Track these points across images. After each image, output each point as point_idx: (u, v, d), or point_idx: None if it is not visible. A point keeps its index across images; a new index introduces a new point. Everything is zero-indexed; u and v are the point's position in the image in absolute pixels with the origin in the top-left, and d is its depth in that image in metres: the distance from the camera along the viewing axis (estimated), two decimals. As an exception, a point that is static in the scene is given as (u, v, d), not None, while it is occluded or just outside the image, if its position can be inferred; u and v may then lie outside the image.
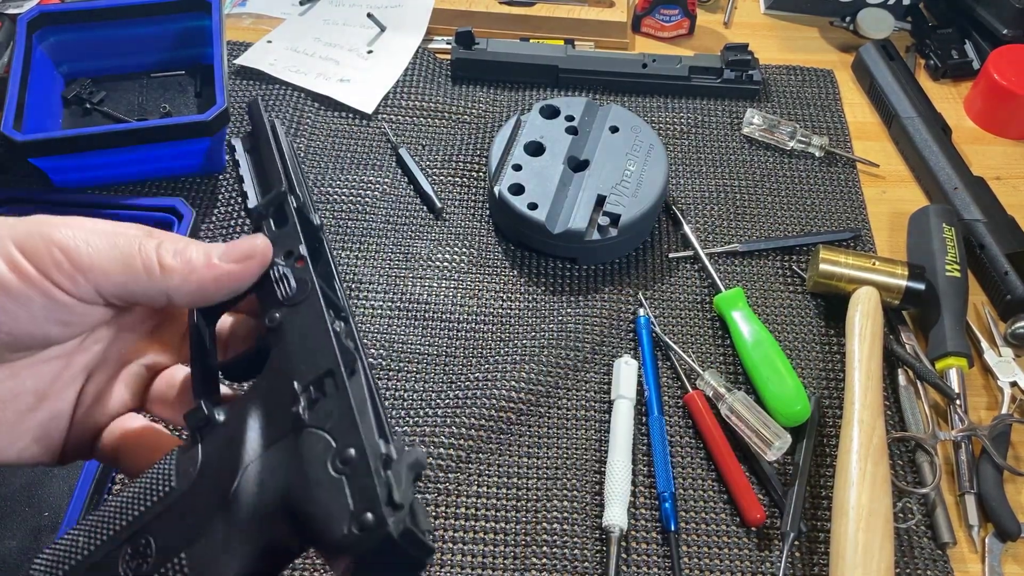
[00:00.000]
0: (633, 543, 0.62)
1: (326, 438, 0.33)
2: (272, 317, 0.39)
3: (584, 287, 0.75)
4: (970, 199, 0.80)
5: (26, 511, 0.61)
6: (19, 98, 0.76)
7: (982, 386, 0.72)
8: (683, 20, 0.96)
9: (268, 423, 0.36)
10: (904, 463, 0.66)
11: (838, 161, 0.86)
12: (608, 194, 0.74)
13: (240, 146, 0.46)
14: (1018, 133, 0.90)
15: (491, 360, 0.70)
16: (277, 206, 0.43)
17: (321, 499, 0.32)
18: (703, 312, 0.74)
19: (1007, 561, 0.62)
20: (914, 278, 0.71)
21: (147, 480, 0.37)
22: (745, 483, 0.63)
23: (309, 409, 0.35)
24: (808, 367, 0.71)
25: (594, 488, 0.64)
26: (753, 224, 0.80)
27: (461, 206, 0.80)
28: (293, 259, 0.40)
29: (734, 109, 0.89)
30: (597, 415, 0.68)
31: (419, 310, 0.73)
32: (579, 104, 0.81)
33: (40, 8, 0.82)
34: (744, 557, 0.61)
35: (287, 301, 0.39)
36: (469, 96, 0.89)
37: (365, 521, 0.30)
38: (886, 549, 0.57)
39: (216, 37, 0.81)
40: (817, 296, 0.75)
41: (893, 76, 0.90)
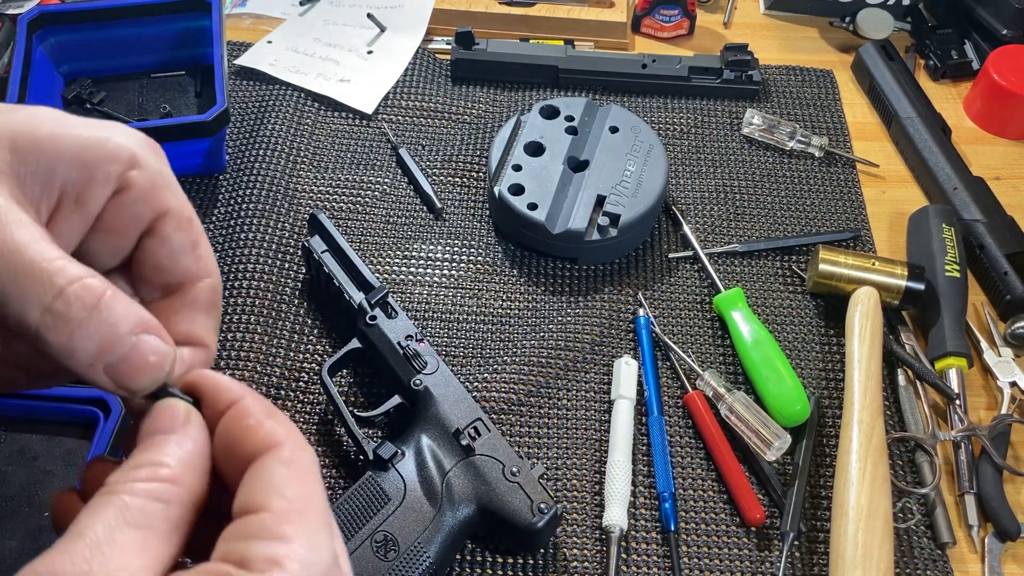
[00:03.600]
0: (633, 543, 0.62)
1: (495, 460, 0.58)
2: (418, 382, 0.61)
3: (584, 287, 0.75)
4: (970, 199, 0.80)
5: (26, 511, 0.61)
6: (19, 98, 0.76)
7: (982, 386, 0.72)
8: (683, 20, 0.97)
9: (444, 453, 0.58)
10: (904, 463, 0.66)
11: (838, 161, 0.86)
12: (608, 194, 0.74)
13: (317, 248, 0.68)
14: (1018, 133, 0.90)
15: (491, 360, 0.70)
16: (382, 303, 0.65)
17: (507, 498, 0.57)
18: (703, 312, 0.74)
19: (1007, 561, 0.62)
20: (914, 278, 0.71)
21: (363, 495, 0.56)
22: (745, 483, 0.63)
23: (472, 442, 0.58)
24: (808, 367, 0.71)
25: (594, 488, 0.64)
26: (753, 224, 0.80)
27: (461, 206, 0.80)
28: (414, 340, 0.63)
29: (734, 109, 0.90)
30: (597, 415, 0.68)
31: (419, 310, 0.73)
32: (579, 104, 0.81)
33: (40, 8, 0.82)
34: (744, 557, 0.62)
35: (425, 371, 0.62)
36: (469, 96, 0.89)
37: (543, 509, 0.57)
38: (886, 549, 0.57)
39: (216, 37, 0.80)
40: (817, 296, 0.75)
41: (893, 76, 0.90)
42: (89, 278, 0.28)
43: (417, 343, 0.64)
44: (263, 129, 0.83)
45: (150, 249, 0.33)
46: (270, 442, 0.28)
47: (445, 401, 0.61)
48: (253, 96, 0.87)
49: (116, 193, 0.31)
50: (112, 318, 0.28)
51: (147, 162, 0.32)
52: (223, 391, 0.30)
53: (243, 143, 0.83)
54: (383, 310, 0.65)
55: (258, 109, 0.86)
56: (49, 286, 0.27)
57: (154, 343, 0.29)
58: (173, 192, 0.33)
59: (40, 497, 0.61)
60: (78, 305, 0.28)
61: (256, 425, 0.29)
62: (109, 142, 0.31)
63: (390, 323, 0.65)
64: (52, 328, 0.28)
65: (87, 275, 0.28)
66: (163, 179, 0.32)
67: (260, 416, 0.29)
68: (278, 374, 0.68)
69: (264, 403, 0.30)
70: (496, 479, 0.57)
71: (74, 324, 0.28)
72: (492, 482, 0.57)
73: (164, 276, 0.33)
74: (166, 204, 0.32)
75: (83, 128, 0.31)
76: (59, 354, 0.28)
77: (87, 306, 0.28)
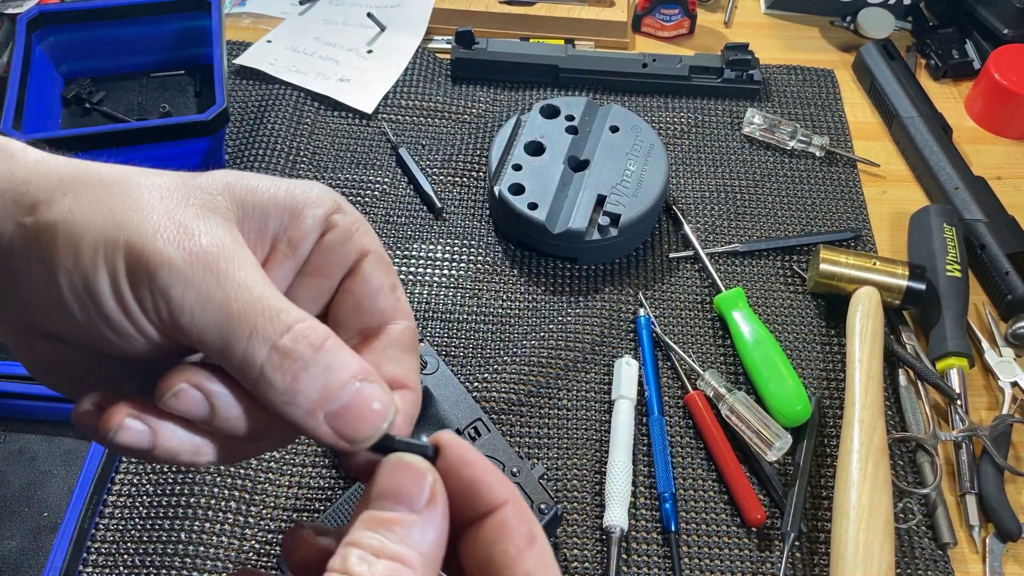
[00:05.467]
0: (633, 543, 0.62)
1: (496, 461, 0.57)
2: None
3: (584, 287, 0.75)
4: (971, 199, 0.80)
5: (26, 511, 0.61)
6: (18, 98, 0.75)
7: (983, 386, 0.72)
8: (683, 20, 0.96)
9: None
10: (905, 463, 0.66)
11: (839, 161, 0.86)
12: (608, 194, 0.74)
13: None
14: (1019, 133, 0.89)
15: (491, 360, 0.70)
16: None
17: None
18: (703, 312, 0.74)
19: (1008, 562, 0.62)
20: (915, 278, 0.71)
21: None
22: (745, 483, 0.63)
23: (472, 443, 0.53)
24: (808, 367, 0.71)
25: (594, 488, 0.64)
26: (753, 224, 0.80)
27: (461, 206, 0.80)
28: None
29: (734, 109, 0.89)
30: (597, 415, 0.68)
31: (419, 310, 0.73)
32: (579, 104, 0.81)
33: (40, 8, 0.82)
34: (744, 557, 0.61)
35: (425, 371, 0.61)
36: (469, 96, 0.89)
37: (543, 509, 0.56)
38: (886, 549, 0.57)
39: (216, 37, 0.80)
40: (817, 296, 0.75)
41: (894, 76, 0.90)
42: (313, 320, 0.28)
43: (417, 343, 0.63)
44: (263, 129, 0.83)
45: (350, 290, 0.33)
46: None
47: (445, 401, 0.60)
48: (253, 96, 0.87)
49: (321, 236, 0.32)
50: (336, 363, 0.28)
51: (348, 208, 0.33)
52: (484, 489, 0.28)
53: (243, 143, 0.83)
54: None
55: (258, 109, 0.86)
56: (278, 322, 0.27)
57: (376, 390, 0.28)
58: (371, 237, 0.33)
59: (40, 497, 0.61)
60: (304, 344, 0.27)
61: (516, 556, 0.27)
62: (313, 190, 0.32)
63: None
64: (279, 367, 0.27)
65: (309, 317, 0.28)
66: (363, 224, 0.33)
67: (521, 544, 0.27)
68: (278, 374, 0.68)
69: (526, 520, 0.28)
70: None
71: (300, 364, 0.27)
72: None
73: (363, 319, 0.33)
74: (367, 246, 0.33)
75: (287, 182, 0.32)
76: (280, 397, 0.27)
77: (313, 346, 0.28)
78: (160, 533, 0.60)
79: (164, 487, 0.62)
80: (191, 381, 0.28)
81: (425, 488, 0.27)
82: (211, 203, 0.29)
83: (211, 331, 0.27)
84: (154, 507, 0.61)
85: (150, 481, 0.62)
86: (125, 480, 0.62)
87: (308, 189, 0.32)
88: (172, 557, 0.59)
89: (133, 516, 0.61)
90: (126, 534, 0.60)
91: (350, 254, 0.32)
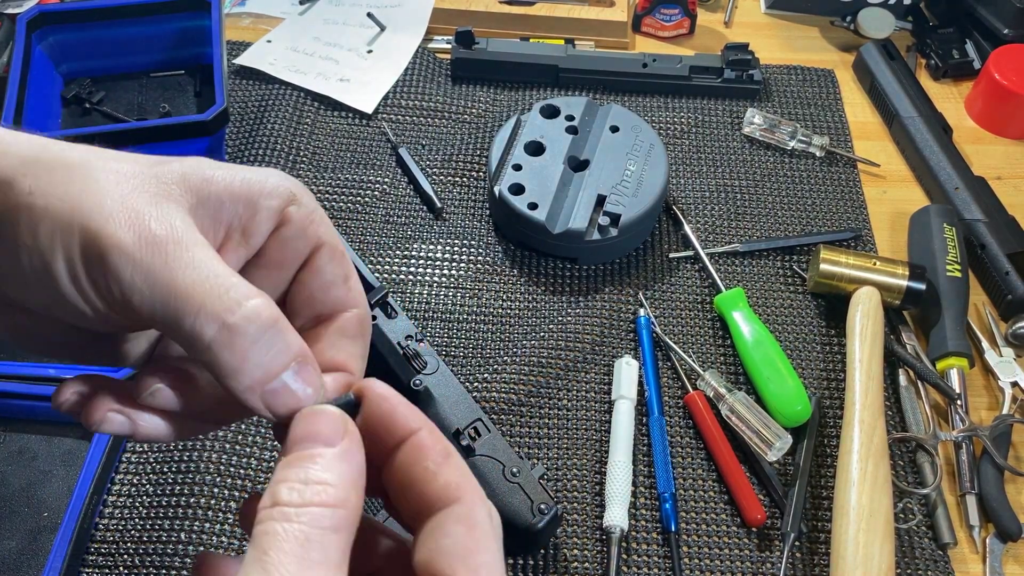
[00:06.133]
0: (633, 543, 0.62)
1: (495, 461, 0.57)
2: (417, 382, 0.60)
3: (584, 287, 0.75)
4: (971, 199, 0.80)
5: (26, 511, 0.61)
6: (18, 98, 0.75)
7: (983, 386, 0.72)
8: (683, 20, 0.96)
9: None
10: (905, 463, 0.66)
11: (839, 161, 0.86)
12: (608, 194, 0.74)
13: None
14: (1019, 133, 0.89)
15: (491, 360, 0.70)
16: (382, 303, 0.64)
17: (507, 498, 0.56)
18: (703, 312, 0.74)
19: (1008, 562, 0.62)
20: (915, 278, 0.71)
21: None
22: (745, 483, 0.63)
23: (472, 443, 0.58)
24: (808, 367, 0.71)
25: (594, 488, 0.64)
26: (753, 224, 0.80)
27: (461, 206, 0.80)
28: (414, 340, 0.63)
29: (734, 109, 0.89)
30: (597, 415, 0.68)
31: (419, 310, 0.73)
32: (579, 104, 0.81)
33: (40, 8, 0.82)
34: (744, 558, 0.61)
35: (425, 371, 0.61)
36: (469, 96, 0.89)
37: (543, 509, 0.56)
38: (887, 550, 0.57)
39: (216, 37, 0.80)
40: (818, 296, 0.75)
41: (894, 76, 0.90)
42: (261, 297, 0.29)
43: (417, 343, 0.63)
44: (262, 129, 0.83)
45: (305, 281, 0.34)
46: (448, 496, 0.29)
47: (445, 401, 0.60)
48: (253, 96, 0.87)
49: (277, 229, 0.33)
50: (281, 344, 0.30)
51: (304, 199, 0.33)
52: (399, 418, 0.30)
53: (242, 143, 0.83)
54: (383, 310, 0.65)
55: (258, 109, 0.86)
56: (226, 299, 0.28)
57: (310, 376, 0.30)
58: (327, 228, 0.34)
59: (40, 497, 0.61)
60: (256, 325, 0.29)
61: (434, 471, 0.29)
62: (269, 180, 0.33)
63: (390, 323, 0.64)
64: (227, 345, 0.28)
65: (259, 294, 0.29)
66: (319, 216, 0.34)
67: (438, 459, 0.29)
68: (278, 374, 0.68)
69: (440, 440, 0.30)
70: (496, 479, 0.57)
71: (247, 344, 0.29)
72: (492, 482, 0.57)
73: (316, 307, 0.34)
74: (321, 239, 0.34)
75: (245, 171, 0.33)
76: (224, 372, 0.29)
77: (262, 326, 0.29)
78: (160, 533, 0.60)
79: (164, 487, 0.62)
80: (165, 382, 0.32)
81: (338, 426, 0.29)
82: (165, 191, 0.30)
83: (159, 309, 0.28)
84: (154, 507, 0.61)
85: (150, 481, 0.62)
86: (125, 480, 0.62)
87: (264, 179, 0.33)
88: (172, 557, 0.59)
89: (133, 516, 0.61)
90: (126, 534, 0.60)
91: (304, 247, 0.34)
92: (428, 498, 0.29)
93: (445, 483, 0.29)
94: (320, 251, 0.34)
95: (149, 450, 0.64)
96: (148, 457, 0.64)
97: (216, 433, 0.64)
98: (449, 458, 0.29)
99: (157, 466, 0.63)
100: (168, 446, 0.64)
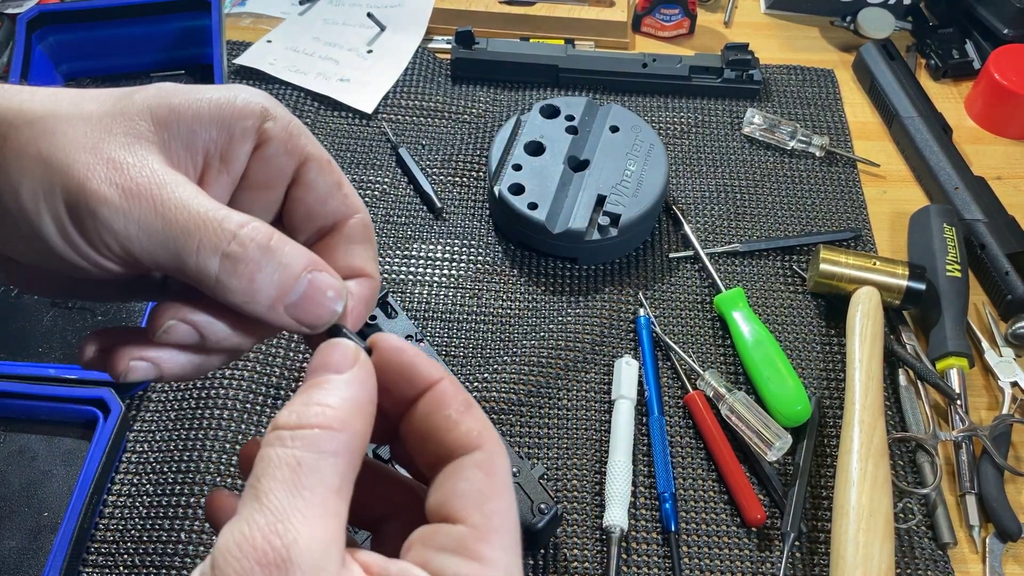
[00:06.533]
0: (633, 543, 0.62)
1: None
2: None
3: (584, 287, 0.75)
4: (971, 199, 0.80)
5: (26, 511, 0.61)
6: (18, 98, 0.75)
7: (983, 386, 0.72)
8: (683, 20, 0.96)
9: None
10: (905, 463, 0.66)
11: (839, 161, 0.86)
12: (608, 194, 0.74)
13: None
14: (1019, 133, 0.89)
15: (491, 360, 0.70)
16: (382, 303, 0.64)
17: None
18: (703, 312, 0.74)
19: (1008, 562, 0.62)
20: (915, 278, 0.71)
21: None
22: (745, 483, 0.63)
23: None
24: (808, 367, 0.71)
25: (594, 488, 0.64)
26: (753, 224, 0.80)
27: (461, 206, 0.80)
28: (414, 340, 0.62)
29: (734, 109, 0.89)
30: (597, 415, 0.68)
31: (419, 310, 0.73)
32: (579, 104, 0.81)
33: (40, 8, 0.82)
34: (744, 557, 0.61)
35: None
36: (469, 96, 0.89)
37: (543, 509, 0.56)
38: (886, 550, 0.57)
39: (216, 37, 0.81)
40: (817, 296, 0.75)
41: (894, 76, 0.90)
42: (255, 221, 0.30)
43: (417, 343, 0.63)
44: (263, 129, 0.83)
45: (298, 198, 0.34)
46: (468, 443, 0.28)
47: None
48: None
49: (257, 149, 0.33)
50: (285, 258, 0.30)
51: (279, 113, 0.33)
52: (420, 369, 0.30)
53: (243, 143, 0.83)
54: (383, 310, 0.65)
55: (258, 109, 0.86)
56: (222, 231, 0.29)
57: (327, 279, 0.30)
58: (308, 139, 0.34)
59: (40, 497, 0.61)
60: (253, 246, 0.29)
61: (455, 420, 0.29)
62: (238, 99, 0.32)
63: (390, 323, 0.64)
64: (233, 273, 0.29)
65: (252, 220, 0.30)
66: (296, 127, 0.33)
67: (460, 408, 0.29)
68: (278, 374, 0.68)
69: (461, 391, 0.30)
70: None
71: (252, 266, 0.29)
72: None
73: (316, 221, 0.34)
74: (305, 151, 0.33)
75: (212, 92, 0.32)
76: (241, 299, 0.29)
77: (261, 246, 0.29)
78: (160, 533, 0.60)
79: (164, 487, 0.62)
80: (177, 316, 0.31)
81: (348, 354, 0.29)
82: (135, 130, 0.30)
83: (162, 253, 0.29)
84: (154, 507, 0.61)
85: (150, 481, 0.62)
86: (125, 480, 0.62)
87: (232, 98, 0.32)
88: (172, 557, 0.59)
89: (133, 516, 0.61)
90: (126, 534, 0.60)
91: (289, 164, 0.33)
92: (448, 445, 0.28)
93: (467, 431, 0.28)
94: (307, 164, 0.33)
95: (149, 450, 0.64)
96: (148, 457, 0.64)
97: (216, 433, 0.64)
98: (471, 408, 0.29)
99: (157, 466, 0.63)
100: (168, 446, 0.64)
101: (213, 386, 0.66)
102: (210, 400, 0.65)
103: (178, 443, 0.64)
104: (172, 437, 0.64)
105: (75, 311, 0.70)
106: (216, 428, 0.64)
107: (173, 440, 0.64)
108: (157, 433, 0.65)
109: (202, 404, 0.65)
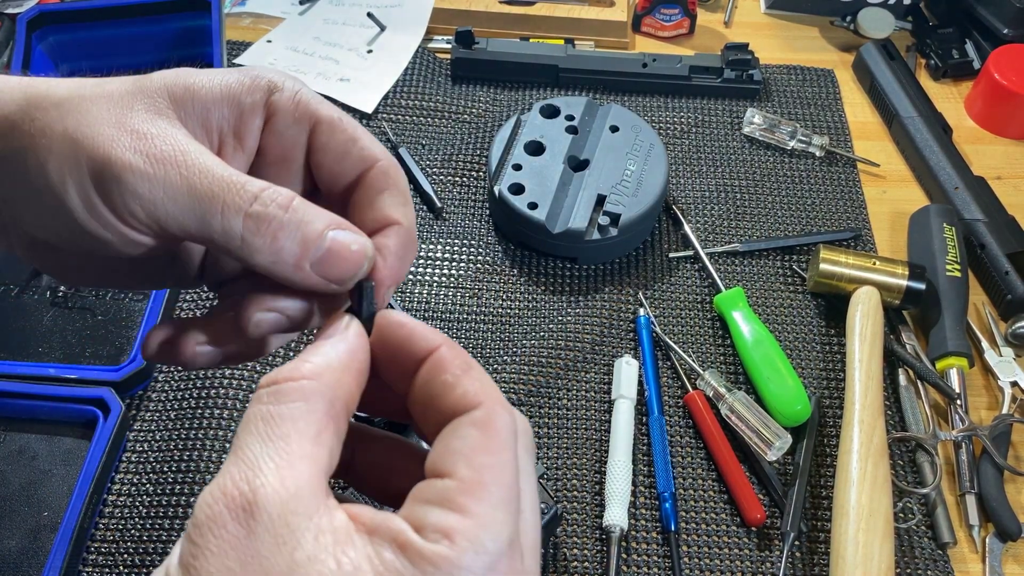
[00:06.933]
0: (633, 543, 0.62)
1: None
2: None
3: (584, 287, 0.75)
4: (971, 199, 0.80)
5: (26, 511, 0.61)
6: (19, 98, 0.75)
7: (982, 386, 0.72)
8: (683, 19, 0.96)
9: None
10: (904, 463, 0.66)
11: (839, 161, 0.86)
12: (608, 194, 0.74)
13: None
14: (1019, 133, 0.89)
15: (491, 360, 0.70)
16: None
17: None
18: (703, 312, 0.74)
19: (1007, 561, 0.62)
20: (914, 278, 0.71)
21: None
22: (745, 483, 0.63)
23: None
24: (808, 367, 0.71)
25: (594, 488, 0.64)
26: (753, 224, 0.80)
27: (461, 206, 0.80)
28: None
29: (734, 109, 0.89)
30: (597, 415, 0.68)
31: (419, 310, 0.73)
32: (579, 104, 0.81)
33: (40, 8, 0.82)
34: (744, 557, 0.61)
35: None
36: (469, 96, 0.89)
37: (542, 509, 0.54)
38: (886, 549, 0.57)
39: (216, 37, 0.81)
40: (817, 296, 0.75)
41: (894, 76, 0.90)
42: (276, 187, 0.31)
43: None
44: (263, 128, 0.83)
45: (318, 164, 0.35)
46: (467, 403, 0.28)
47: None
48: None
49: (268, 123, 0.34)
50: (307, 217, 0.30)
51: (286, 84, 0.34)
52: (418, 339, 0.30)
53: (243, 142, 0.83)
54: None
55: (258, 108, 0.86)
56: (244, 193, 0.30)
57: (349, 235, 0.31)
58: (318, 104, 0.34)
59: (40, 497, 0.61)
60: (274, 206, 0.30)
61: (452, 382, 0.28)
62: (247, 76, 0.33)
63: None
64: (257, 232, 0.30)
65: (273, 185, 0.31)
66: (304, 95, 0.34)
67: (457, 371, 0.29)
68: (278, 374, 0.68)
69: (461, 354, 0.29)
70: None
71: (276, 224, 0.30)
72: None
73: (340, 180, 0.35)
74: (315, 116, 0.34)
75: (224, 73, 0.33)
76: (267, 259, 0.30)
77: (282, 206, 0.30)
78: (160, 533, 0.60)
79: (164, 487, 0.62)
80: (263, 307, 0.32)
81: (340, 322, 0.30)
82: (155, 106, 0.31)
83: (188, 217, 0.30)
84: (154, 507, 0.61)
85: (150, 481, 0.62)
86: (125, 480, 0.62)
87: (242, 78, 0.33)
88: (172, 557, 0.59)
89: (133, 516, 0.61)
90: (126, 534, 0.60)
91: (301, 133, 0.34)
92: (448, 408, 0.28)
93: (464, 392, 0.28)
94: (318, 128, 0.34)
95: (149, 450, 0.64)
96: (148, 457, 0.64)
97: (216, 433, 0.64)
98: (470, 370, 0.29)
99: (157, 466, 0.63)
100: (168, 446, 0.64)
101: (213, 386, 0.66)
102: (210, 400, 0.65)
103: (178, 443, 0.64)
104: (172, 437, 0.64)
105: (75, 311, 0.70)
106: (216, 428, 0.64)
107: (173, 440, 0.64)
108: (157, 433, 0.65)
109: (202, 404, 0.65)
